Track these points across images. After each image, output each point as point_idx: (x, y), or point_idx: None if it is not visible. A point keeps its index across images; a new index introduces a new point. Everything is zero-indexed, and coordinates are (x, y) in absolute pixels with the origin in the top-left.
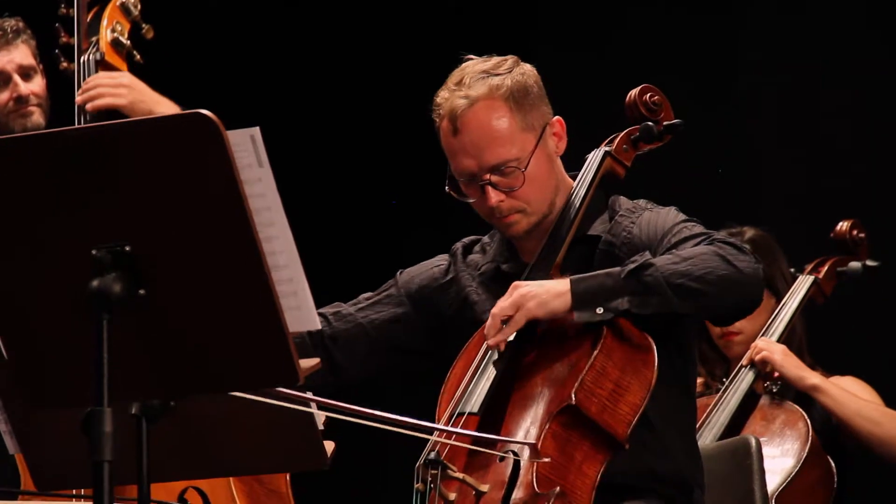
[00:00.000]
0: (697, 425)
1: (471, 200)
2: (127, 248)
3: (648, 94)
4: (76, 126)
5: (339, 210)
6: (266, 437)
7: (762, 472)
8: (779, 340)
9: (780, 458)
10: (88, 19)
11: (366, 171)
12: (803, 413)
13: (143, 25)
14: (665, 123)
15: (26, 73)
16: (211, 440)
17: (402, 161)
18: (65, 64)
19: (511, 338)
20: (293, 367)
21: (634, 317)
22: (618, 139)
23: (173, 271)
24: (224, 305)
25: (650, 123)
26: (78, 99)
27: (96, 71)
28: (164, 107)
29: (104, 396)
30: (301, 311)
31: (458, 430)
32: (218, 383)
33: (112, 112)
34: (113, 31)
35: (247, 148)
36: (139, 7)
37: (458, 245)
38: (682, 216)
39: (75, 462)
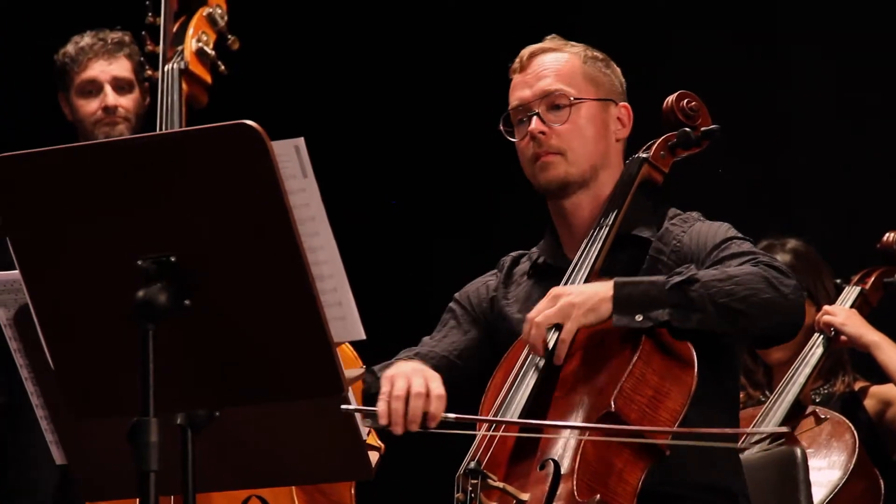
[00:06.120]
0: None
1: (517, 139)
2: (172, 259)
3: (686, 101)
4: (121, 138)
5: (376, 220)
6: (310, 447)
7: (808, 483)
8: (823, 352)
9: (826, 470)
10: (175, 28)
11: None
12: (850, 424)
13: (229, 37)
14: (703, 129)
15: (121, 86)
16: (255, 450)
17: (446, 170)
18: (149, 72)
19: (551, 344)
20: (338, 377)
21: (674, 329)
22: (655, 146)
23: (218, 281)
24: (269, 315)
25: (687, 129)
26: None
27: (180, 79)
28: None
29: (150, 406)
30: (346, 321)
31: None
32: (263, 393)
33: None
34: (198, 40)
35: (291, 158)
36: (226, 18)
37: (507, 258)
38: (733, 232)
39: (121, 472)
